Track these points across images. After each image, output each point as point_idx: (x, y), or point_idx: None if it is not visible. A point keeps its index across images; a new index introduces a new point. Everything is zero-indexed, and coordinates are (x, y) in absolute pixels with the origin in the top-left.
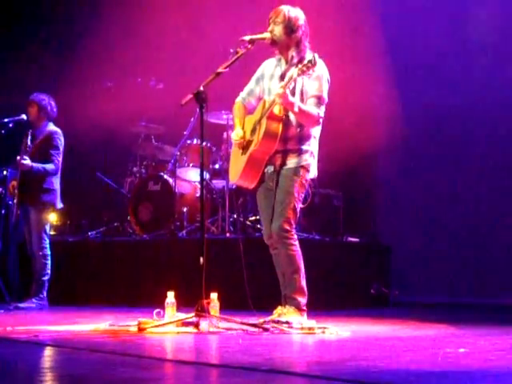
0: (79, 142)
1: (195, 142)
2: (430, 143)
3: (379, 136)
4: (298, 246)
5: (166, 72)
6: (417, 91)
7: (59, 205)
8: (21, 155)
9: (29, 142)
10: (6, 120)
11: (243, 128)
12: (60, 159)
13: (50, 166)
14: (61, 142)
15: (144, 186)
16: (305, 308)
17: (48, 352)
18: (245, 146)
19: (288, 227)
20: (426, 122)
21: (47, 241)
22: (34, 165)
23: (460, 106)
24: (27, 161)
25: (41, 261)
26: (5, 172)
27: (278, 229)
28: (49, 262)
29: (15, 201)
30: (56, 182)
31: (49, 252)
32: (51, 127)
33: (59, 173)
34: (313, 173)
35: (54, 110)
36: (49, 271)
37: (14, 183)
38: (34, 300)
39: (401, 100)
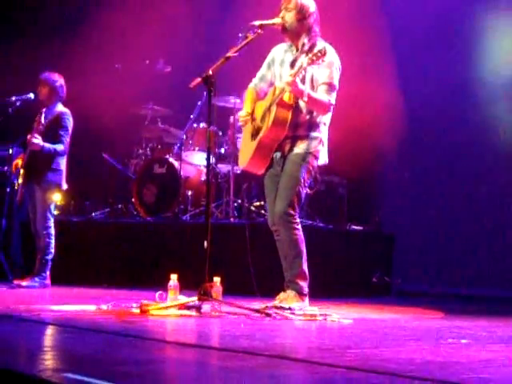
0: (85, 123)
1: (202, 125)
2: (435, 134)
3: (385, 126)
4: (300, 230)
5: (173, 55)
6: (424, 86)
7: (64, 185)
8: (32, 134)
9: (42, 121)
10: (13, 98)
11: (253, 113)
12: (68, 140)
13: (59, 147)
14: (70, 122)
15: (149, 168)
16: (306, 292)
17: (50, 331)
18: (254, 132)
19: (291, 211)
20: (431, 114)
21: (51, 220)
22: (46, 145)
23: (468, 102)
24: (38, 140)
25: (45, 240)
26: (10, 150)
27: (281, 212)
28: (52, 241)
29: (20, 179)
30: (62, 163)
31: (53, 231)
32: (60, 108)
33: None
34: (322, 159)
35: (64, 90)
36: (52, 250)
37: (18, 162)
38: (36, 279)
39: (407, 93)
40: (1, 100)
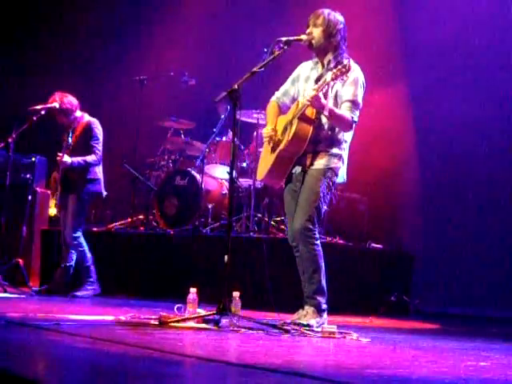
0: (109, 133)
1: (224, 139)
2: (457, 154)
3: (406, 145)
4: (319, 245)
5: (198, 68)
6: (441, 106)
7: (104, 193)
8: (62, 152)
9: (70, 140)
10: (38, 107)
11: (275, 127)
12: (101, 149)
13: (91, 158)
14: (99, 131)
15: (171, 180)
16: (324, 308)
17: (67, 341)
18: (274, 145)
19: (310, 226)
20: (453, 133)
21: (80, 230)
22: (74, 160)
23: (485, 117)
24: (66, 157)
25: (77, 250)
26: (33, 159)
27: (300, 227)
28: (85, 248)
29: (58, 192)
30: (99, 172)
31: (82, 240)
32: (87, 118)
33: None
34: (341, 177)
35: (73, 101)
36: (89, 255)
37: (56, 175)
38: (87, 287)
39: (427, 111)
40: (25, 109)
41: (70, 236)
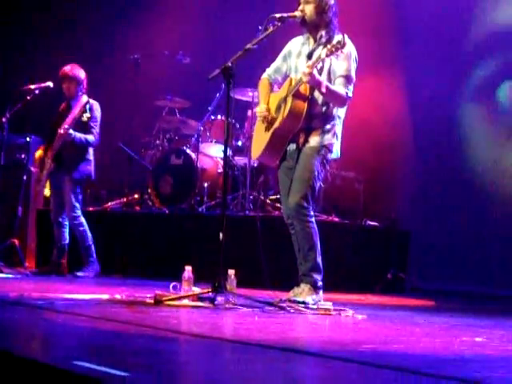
0: (103, 113)
1: (219, 117)
2: (452, 130)
3: (402, 123)
4: (314, 223)
5: (193, 46)
6: (441, 83)
7: (93, 175)
8: (62, 126)
9: (76, 113)
10: (32, 86)
11: (268, 105)
12: (98, 131)
13: (90, 138)
14: (99, 113)
15: (166, 159)
16: (320, 285)
17: (62, 319)
18: (269, 123)
19: (305, 203)
20: (449, 110)
21: (79, 210)
22: (77, 135)
23: (482, 96)
24: (70, 130)
25: (78, 230)
26: (27, 138)
27: (294, 204)
28: (85, 227)
29: (45, 170)
30: (92, 153)
31: (83, 219)
32: (86, 98)
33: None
34: (335, 153)
35: (87, 81)
36: (89, 234)
37: (41, 152)
38: (88, 267)
39: (425, 90)
40: (19, 88)
41: (70, 216)
